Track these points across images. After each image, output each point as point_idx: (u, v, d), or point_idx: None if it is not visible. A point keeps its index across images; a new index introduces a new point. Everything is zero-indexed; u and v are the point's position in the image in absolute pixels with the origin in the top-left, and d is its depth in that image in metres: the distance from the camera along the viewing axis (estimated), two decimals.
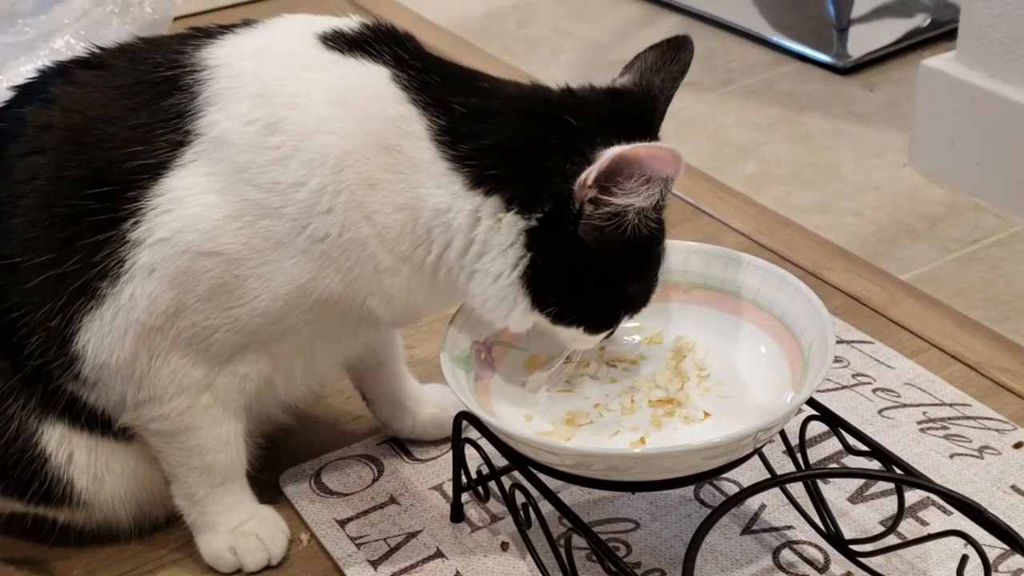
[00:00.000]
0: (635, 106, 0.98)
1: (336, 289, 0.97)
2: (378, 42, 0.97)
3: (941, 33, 2.12)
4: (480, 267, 0.96)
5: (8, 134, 1.00)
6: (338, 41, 0.97)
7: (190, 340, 0.98)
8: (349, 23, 0.99)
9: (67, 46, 1.70)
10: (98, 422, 1.04)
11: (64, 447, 1.04)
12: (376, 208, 0.94)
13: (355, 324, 1.01)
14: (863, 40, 2.17)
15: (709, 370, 1.06)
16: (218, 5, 2.25)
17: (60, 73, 1.03)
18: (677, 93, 1.00)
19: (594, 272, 0.96)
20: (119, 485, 1.07)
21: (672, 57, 1.00)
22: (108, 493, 1.07)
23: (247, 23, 1.02)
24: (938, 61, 1.73)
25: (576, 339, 1.02)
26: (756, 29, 2.21)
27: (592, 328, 1.00)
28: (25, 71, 1.45)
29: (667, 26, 2.26)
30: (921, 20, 2.20)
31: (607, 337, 1.04)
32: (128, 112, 0.97)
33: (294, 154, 0.93)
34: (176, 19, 1.88)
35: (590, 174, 0.91)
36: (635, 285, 1.00)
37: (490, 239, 0.95)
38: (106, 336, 0.97)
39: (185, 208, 0.94)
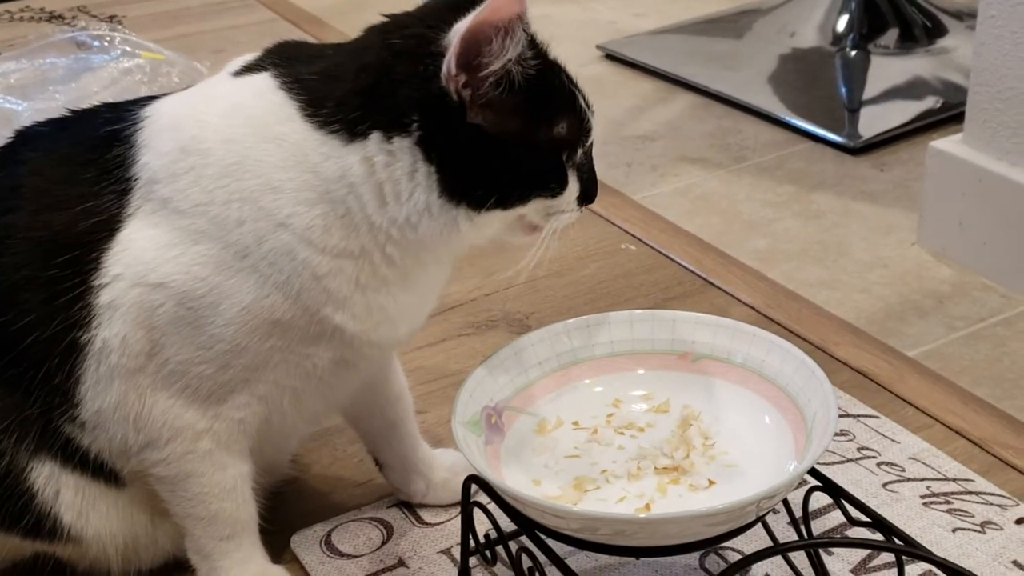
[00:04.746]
0: None
1: (283, 306, 0.97)
2: (265, 56, 1.01)
3: (952, 115, 2.15)
4: (407, 208, 0.96)
5: None
6: (241, 71, 1.01)
7: (170, 378, 1.00)
8: (253, 55, 1.03)
9: None
10: (89, 464, 1.05)
11: (52, 484, 1.05)
12: (289, 211, 0.95)
13: (327, 350, 1.01)
14: (874, 121, 2.20)
15: (714, 439, 1.08)
16: None
17: (35, 134, 1.08)
18: (691, 169, 1.02)
19: (510, 143, 0.95)
20: (104, 523, 1.08)
21: None
22: (94, 530, 1.08)
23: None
24: (946, 143, 1.76)
25: (544, 210, 0.99)
26: (769, 109, 2.25)
27: (547, 191, 0.98)
28: None
29: (681, 104, 2.30)
30: (932, 102, 2.23)
31: (583, 198, 1.01)
32: (79, 168, 1.01)
33: (203, 171, 0.97)
34: None
35: (450, 63, 0.92)
36: (560, 125, 0.97)
37: (393, 173, 0.95)
38: (97, 384, 1.00)
39: (134, 244, 0.98)
